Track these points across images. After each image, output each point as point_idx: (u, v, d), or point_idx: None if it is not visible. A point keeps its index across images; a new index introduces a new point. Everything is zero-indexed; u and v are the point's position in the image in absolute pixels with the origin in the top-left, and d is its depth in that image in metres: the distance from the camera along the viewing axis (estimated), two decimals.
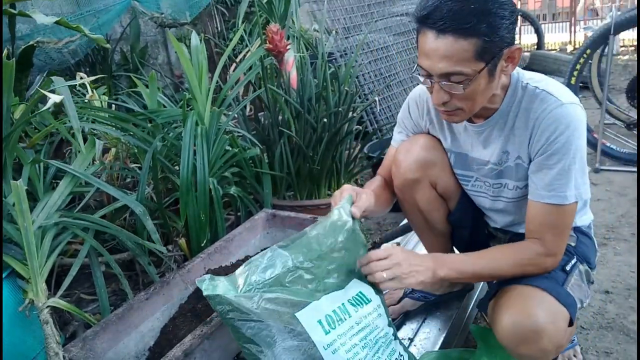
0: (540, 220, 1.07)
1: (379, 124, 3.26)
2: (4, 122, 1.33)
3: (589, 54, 2.99)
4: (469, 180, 1.27)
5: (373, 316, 1.09)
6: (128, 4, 2.92)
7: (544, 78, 1.10)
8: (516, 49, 0.99)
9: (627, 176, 2.80)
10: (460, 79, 0.96)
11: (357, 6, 3.63)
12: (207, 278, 1.02)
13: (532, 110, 1.07)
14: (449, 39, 0.92)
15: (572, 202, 1.04)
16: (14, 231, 1.31)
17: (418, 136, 1.29)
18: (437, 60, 0.95)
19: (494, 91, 1.05)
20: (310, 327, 0.99)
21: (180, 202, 1.59)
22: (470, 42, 0.92)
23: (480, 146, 1.19)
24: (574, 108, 1.03)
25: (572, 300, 1.04)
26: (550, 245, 1.06)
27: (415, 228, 1.43)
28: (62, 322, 1.54)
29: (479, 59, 0.94)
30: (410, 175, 1.27)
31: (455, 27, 0.91)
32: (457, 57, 0.94)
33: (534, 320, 0.97)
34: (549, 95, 1.04)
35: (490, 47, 0.94)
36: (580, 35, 7.21)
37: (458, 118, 1.08)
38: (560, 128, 1.01)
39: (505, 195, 1.20)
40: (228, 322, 1.01)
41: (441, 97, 1.01)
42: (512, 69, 1.03)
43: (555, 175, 1.03)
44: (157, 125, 1.81)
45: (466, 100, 1.02)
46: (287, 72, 2.28)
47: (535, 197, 1.07)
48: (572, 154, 1.02)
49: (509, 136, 1.12)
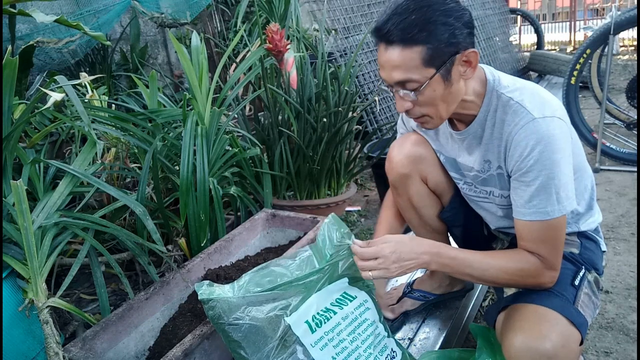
0: (528, 237, 1.05)
1: (378, 123, 3.26)
2: (4, 122, 1.33)
3: (588, 54, 2.99)
4: (460, 181, 1.28)
5: (360, 310, 1.12)
6: (128, 3, 2.91)
7: (522, 86, 1.08)
8: (470, 52, 1.00)
9: (627, 176, 2.80)
10: (414, 86, 1.00)
11: (357, 6, 3.63)
12: (205, 283, 1.07)
13: (505, 123, 1.06)
14: (396, 50, 0.98)
15: (556, 216, 1.01)
16: (14, 231, 1.31)
17: (410, 133, 1.35)
18: (390, 70, 1.01)
19: (460, 96, 1.06)
20: (297, 328, 1.03)
21: (180, 202, 1.59)
22: (414, 51, 0.97)
23: (466, 152, 1.19)
24: (546, 122, 1.00)
25: (583, 320, 1.02)
26: (547, 260, 1.04)
27: (412, 227, 1.44)
28: (62, 322, 1.54)
29: (428, 65, 0.98)
30: (401, 170, 1.31)
31: (399, 37, 0.97)
32: (405, 65, 0.99)
33: (547, 346, 0.94)
34: (522, 109, 1.03)
35: (437, 54, 0.97)
36: (580, 35, 7.22)
37: (429, 125, 1.10)
38: (531, 144, 1.00)
39: (493, 202, 1.21)
40: (219, 327, 1.04)
41: (402, 104, 1.05)
42: (472, 73, 1.03)
43: (533, 192, 1.02)
44: (157, 125, 1.81)
45: (428, 107, 1.04)
46: (287, 72, 2.28)
47: (517, 215, 1.06)
48: (548, 169, 0.99)
49: (487, 145, 1.12)
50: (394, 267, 1.04)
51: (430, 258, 1.06)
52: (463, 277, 1.10)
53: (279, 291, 1.05)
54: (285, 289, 1.06)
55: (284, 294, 1.05)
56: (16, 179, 1.21)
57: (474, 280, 1.13)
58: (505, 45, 5.07)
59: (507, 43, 5.17)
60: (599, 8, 8.01)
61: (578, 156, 1.11)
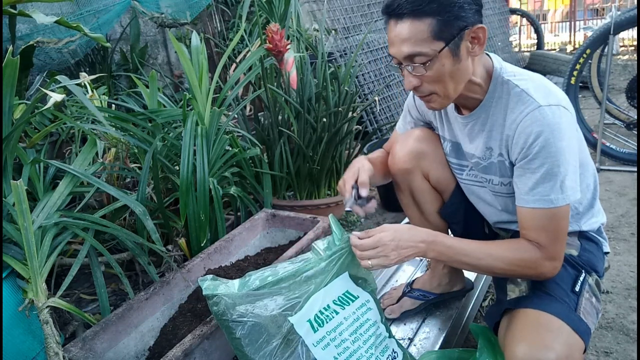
0: (531, 225, 1.05)
1: (378, 124, 3.26)
2: (5, 122, 1.33)
3: (588, 54, 2.99)
4: (463, 170, 1.27)
5: (362, 310, 1.13)
6: (128, 3, 2.91)
7: (528, 76, 1.08)
8: (478, 28, 1.00)
9: (627, 176, 2.80)
10: (423, 59, 1.00)
11: (357, 6, 3.63)
12: (209, 278, 1.06)
13: (510, 110, 1.06)
14: (406, 23, 0.99)
15: (560, 205, 1.01)
16: (14, 231, 1.31)
17: (415, 129, 1.36)
18: (399, 44, 1.01)
19: (468, 75, 1.06)
20: (300, 327, 1.03)
21: (180, 202, 1.59)
22: (424, 23, 0.98)
23: (467, 139, 1.20)
24: (552, 110, 1.00)
25: (586, 328, 1.01)
26: (548, 250, 1.03)
27: (413, 221, 1.44)
28: (62, 322, 1.54)
29: (437, 38, 0.98)
30: (403, 165, 1.32)
31: (409, 10, 0.98)
32: (414, 38, 0.99)
33: (551, 357, 0.93)
34: (527, 96, 1.03)
35: (447, 27, 0.98)
36: (580, 35, 7.22)
37: (436, 104, 1.10)
38: (536, 132, 1.00)
39: (490, 189, 1.21)
40: (223, 323, 1.04)
41: (410, 81, 1.06)
42: (480, 50, 1.04)
43: (538, 179, 1.01)
44: (157, 125, 1.81)
45: (436, 83, 1.04)
46: (287, 72, 2.28)
47: (521, 202, 1.06)
48: (553, 156, 0.99)
49: (490, 132, 1.12)
50: (393, 255, 1.05)
51: (427, 246, 1.07)
52: (460, 266, 1.09)
53: (283, 287, 1.05)
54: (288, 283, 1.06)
55: (287, 291, 1.05)
56: (16, 179, 1.21)
57: (470, 268, 1.12)
58: (505, 45, 5.07)
59: (507, 43, 5.17)
60: (599, 8, 8.01)
61: (581, 152, 1.11)
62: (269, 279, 1.06)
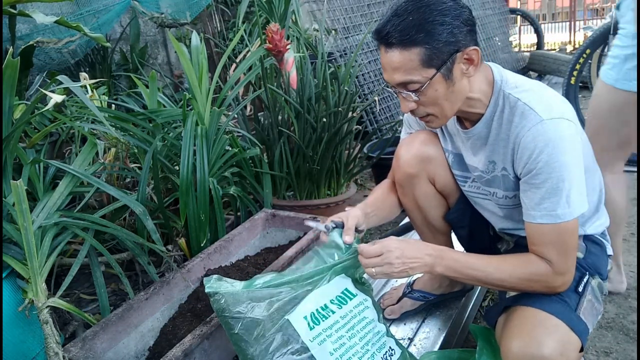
0: (539, 241, 1.03)
1: (378, 123, 3.26)
2: (5, 122, 1.33)
3: (588, 54, 2.99)
4: (465, 181, 1.27)
5: (359, 309, 1.15)
6: (128, 4, 2.91)
7: (530, 87, 1.07)
8: (471, 50, 1.00)
9: (627, 176, 2.80)
10: (415, 86, 1.01)
11: (357, 6, 3.63)
12: (214, 277, 1.11)
13: (512, 125, 1.05)
14: (395, 52, 0.99)
15: (567, 220, 0.99)
16: (14, 231, 1.31)
17: (419, 132, 1.33)
18: (392, 72, 1.02)
19: (464, 94, 1.05)
20: (297, 324, 1.05)
21: (180, 202, 1.59)
22: (413, 52, 0.98)
23: (470, 152, 1.19)
24: (554, 124, 0.99)
25: (584, 327, 1.01)
26: (558, 265, 1.02)
27: (416, 226, 1.44)
28: (62, 322, 1.54)
29: (428, 66, 0.99)
30: (409, 169, 1.29)
31: (397, 40, 0.98)
32: (405, 67, 0.99)
33: (544, 352, 0.93)
34: (530, 110, 1.02)
35: (437, 54, 0.98)
36: (580, 35, 7.21)
37: (435, 124, 1.11)
38: (540, 146, 0.99)
39: (495, 202, 1.20)
40: (222, 319, 1.07)
41: (407, 105, 1.06)
42: (475, 70, 1.03)
43: (544, 195, 1.00)
44: (157, 125, 1.81)
45: (432, 106, 1.05)
46: (287, 72, 2.28)
47: (528, 218, 1.05)
48: (557, 171, 0.98)
49: (493, 146, 1.11)
50: (397, 263, 1.05)
51: (434, 260, 1.06)
52: (469, 281, 1.09)
53: (284, 288, 1.08)
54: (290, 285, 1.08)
55: (288, 291, 1.08)
56: (16, 179, 1.21)
57: (479, 283, 1.13)
58: (505, 45, 5.07)
59: (507, 43, 5.17)
60: (599, 8, 8.01)
61: (587, 157, 1.09)
62: (273, 281, 1.09)
